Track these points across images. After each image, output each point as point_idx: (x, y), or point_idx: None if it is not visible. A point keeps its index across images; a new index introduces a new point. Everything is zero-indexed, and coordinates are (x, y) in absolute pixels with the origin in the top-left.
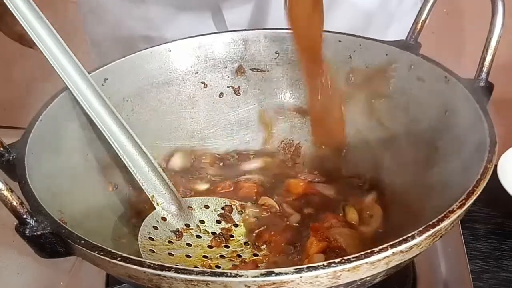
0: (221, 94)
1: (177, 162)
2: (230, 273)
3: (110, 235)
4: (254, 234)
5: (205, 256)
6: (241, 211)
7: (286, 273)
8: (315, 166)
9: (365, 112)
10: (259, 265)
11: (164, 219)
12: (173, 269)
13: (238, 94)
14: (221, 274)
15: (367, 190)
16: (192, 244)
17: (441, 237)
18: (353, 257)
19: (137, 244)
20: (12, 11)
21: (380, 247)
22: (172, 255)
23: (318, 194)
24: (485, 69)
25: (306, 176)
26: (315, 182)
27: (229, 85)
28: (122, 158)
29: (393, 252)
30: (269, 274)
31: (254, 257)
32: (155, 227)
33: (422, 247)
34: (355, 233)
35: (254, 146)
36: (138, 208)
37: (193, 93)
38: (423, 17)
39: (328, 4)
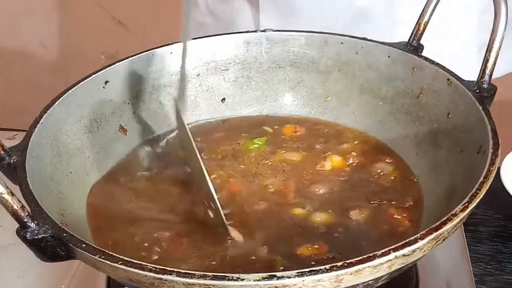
0: (222, 97)
1: None
2: (232, 276)
3: None
4: None
5: None
6: None
7: (288, 277)
8: None
9: (368, 114)
10: None
11: None
12: (174, 273)
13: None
14: (223, 278)
15: None
16: None
17: (444, 240)
18: (356, 261)
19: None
20: None
21: (383, 251)
22: None
23: None
24: (487, 71)
25: None
26: None
27: None
28: None
29: (396, 256)
30: (271, 277)
31: None
32: None
33: (424, 251)
34: None
35: None
36: None
37: (195, 95)
38: (425, 19)
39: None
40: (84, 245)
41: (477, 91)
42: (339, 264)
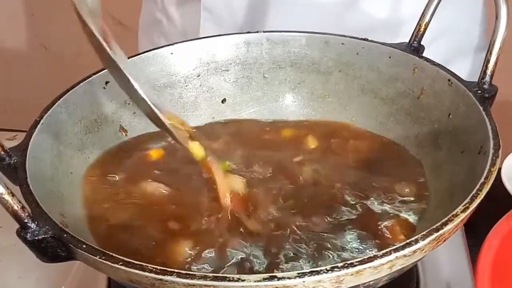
0: (223, 98)
1: None
2: (232, 277)
3: None
4: None
5: None
6: None
7: (289, 278)
8: None
9: (369, 115)
10: None
11: None
12: (175, 274)
13: None
14: (223, 279)
15: None
16: None
17: (444, 240)
18: (357, 261)
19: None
20: None
21: (384, 251)
22: None
23: None
24: (488, 72)
25: None
26: None
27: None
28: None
29: (397, 256)
30: (271, 278)
31: None
32: None
33: (425, 251)
34: None
35: None
36: None
37: (195, 96)
38: (426, 19)
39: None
40: (84, 246)
41: (478, 92)
42: (340, 264)
